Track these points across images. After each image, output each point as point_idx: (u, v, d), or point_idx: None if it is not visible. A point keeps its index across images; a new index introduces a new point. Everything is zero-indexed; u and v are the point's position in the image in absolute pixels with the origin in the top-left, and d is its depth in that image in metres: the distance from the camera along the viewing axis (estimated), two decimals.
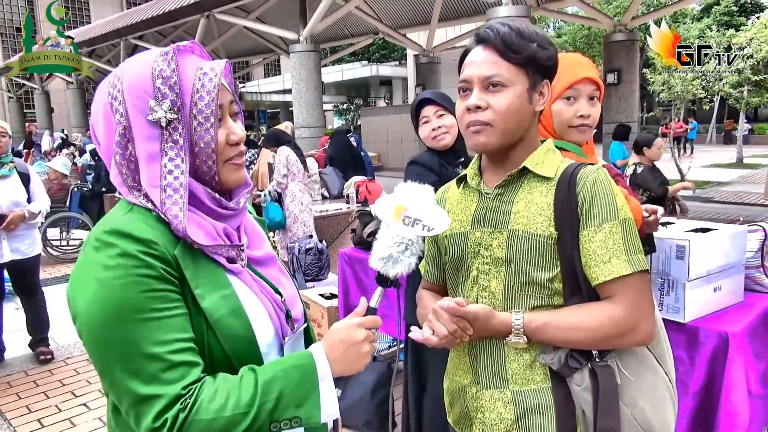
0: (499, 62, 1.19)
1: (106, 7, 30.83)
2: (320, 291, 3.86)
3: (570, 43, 25.38)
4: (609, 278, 1.13)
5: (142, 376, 0.83)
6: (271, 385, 0.88)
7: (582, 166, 1.22)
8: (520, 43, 1.18)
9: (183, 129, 0.91)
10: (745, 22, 24.56)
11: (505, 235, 1.21)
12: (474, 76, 1.20)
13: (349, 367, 0.98)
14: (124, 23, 14.74)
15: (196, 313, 0.90)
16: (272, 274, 1.08)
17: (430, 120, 2.33)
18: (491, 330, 1.17)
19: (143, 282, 0.84)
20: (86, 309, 0.85)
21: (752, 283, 2.13)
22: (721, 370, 1.80)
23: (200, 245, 0.91)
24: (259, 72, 33.87)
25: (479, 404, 1.26)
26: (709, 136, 27.16)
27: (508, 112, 1.19)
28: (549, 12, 11.92)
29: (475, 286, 1.27)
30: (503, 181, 1.25)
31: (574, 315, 1.15)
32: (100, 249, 0.86)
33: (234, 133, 0.97)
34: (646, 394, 1.21)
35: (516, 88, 1.19)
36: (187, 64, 0.93)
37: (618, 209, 1.16)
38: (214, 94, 0.91)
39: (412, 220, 1.09)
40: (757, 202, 10.23)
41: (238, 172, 1.00)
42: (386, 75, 25.18)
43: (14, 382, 3.81)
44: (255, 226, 1.13)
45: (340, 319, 1.06)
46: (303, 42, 9.81)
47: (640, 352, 1.22)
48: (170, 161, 0.90)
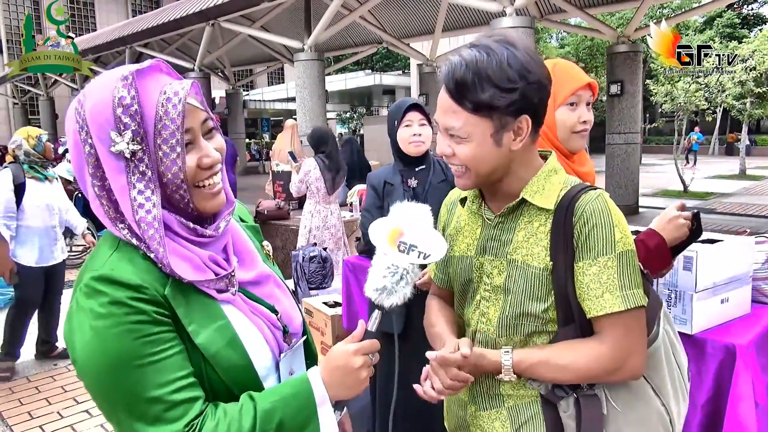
0: (457, 111, 1.10)
1: (112, 15, 31.01)
2: (324, 299, 3.85)
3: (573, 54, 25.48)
4: (600, 314, 1.11)
5: (146, 418, 0.84)
6: (270, 414, 0.90)
7: (583, 192, 1.15)
8: (477, 87, 1.06)
9: (149, 159, 0.86)
10: (747, 34, 24.62)
11: (505, 264, 1.20)
12: (439, 121, 1.15)
13: (347, 392, 0.99)
14: (129, 31, 14.82)
15: (192, 348, 0.90)
16: (267, 292, 1.06)
17: (413, 125, 2.45)
18: (482, 370, 1.18)
19: (136, 329, 0.84)
20: (84, 358, 0.86)
21: (759, 295, 2.12)
22: (728, 382, 1.79)
23: (188, 281, 0.90)
24: (263, 80, 34.01)
25: (477, 423, 1.27)
26: (712, 147, 27.16)
27: (474, 160, 1.13)
28: (552, 23, 11.97)
29: (477, 310, 1.26)
30: (503, 212, 1.21)
31: (563, 356, 1.13)
32: (91, 296, 0.85)
33: (207, 155, 0.92)
34: (633, 425, 1.18)
35: (476, 138, 1.11)
36: (149, 87, 0.86)
37: (615, 242, 1.11)
38: (179, 122, 0.85)
39: (408, 246, 1.07)
40: (761, 214, 10.20)
41: (214, 199, 0.95)
42: (389, 84, 25.24)
43: (16, 388, 3.80)
44: (246, 242, 1.08)
45: (344, 328, 1.05)
46: (307, 51, 9.86)
47: (634, 384, 1.20)
48: (140, 194, 0.86)
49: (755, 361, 1.83)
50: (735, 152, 23.02)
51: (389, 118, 2.57)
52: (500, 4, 6.98)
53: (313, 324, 3.66)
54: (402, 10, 12.73)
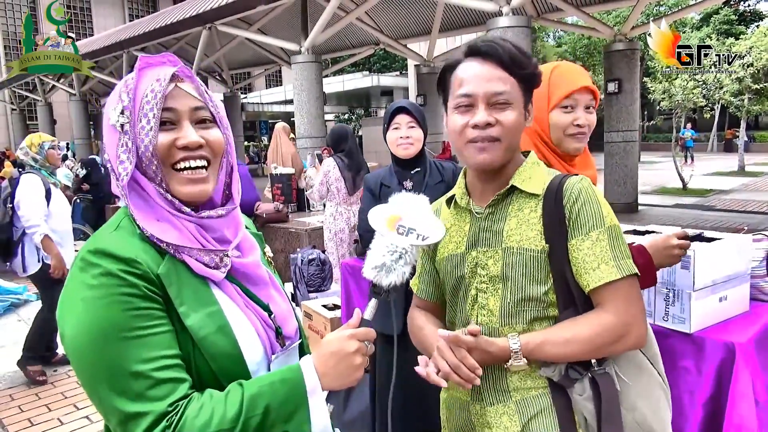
0: (506, 78, 1.19)
1: (109, 20, 31.03)
2: (323, 302, 3.84)
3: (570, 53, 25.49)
4: (599, 284, 1.14)
5: (128, 394, 0.83)
6: (257, 399, 0.88)
7: (567, 177, 1.23)
8: (523, 59, 1.19)
9: (132, 132, 0.93)
10: (744, 30, 24.62)
11: (500, 253, 1.22)
12: (479, 91, 1.18)
13: (341, 380, 0.96)
14: (126, 35, 14.83)
15: (182, 330, 0.90)
16: (263, 292, 1.06)
17: (401, 128, 2.47)
18: (492, 358, 1.16)
19: (126, 301, 0.85)
20: (72, 329, 0.86)
21: (758, 293, 2.11)
22: (728, 380, 1.78)
23: (173, 244, 0.92)
24: (260, 83, 33.99)
25: (485, 420, 1.25)
26: (710, 144, 27.17)
27: (515, 129, 1.20)
28: (549, 22, 11.98)
29: (474, 304, 1.27)
30: (493, 201, 1.25)
31: (567, 330, 1.16)
32: (85, 269, 0.87)
33: (183, 137, 0.95)
34: (644, 397, 1.22)
35: (519, 105, 1.20)
36: (151, 73, 0.95)
37: (603, 216, 1.18)
38: (159, 98, 0.92)
39: (407, 229, 1.08)
40: (761, 210, 10.20)
41: (189, 186, 0.96)
42: (387, 85, 25.23)
43: (16, 395, 3.79)
44: (252, 243, 1.11)
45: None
46: (304, 53, 9.86)
47: (635, 356, 1.24)
48: (120, 164, 0.93)
49: (755, 358, 1.83)
50: (733, 149, 23.01)
51: (382, 121, 2.59)
52: (497, 3, 6.98)
53: (312, 327, 3.66)
54: (399, 11, 12.74)
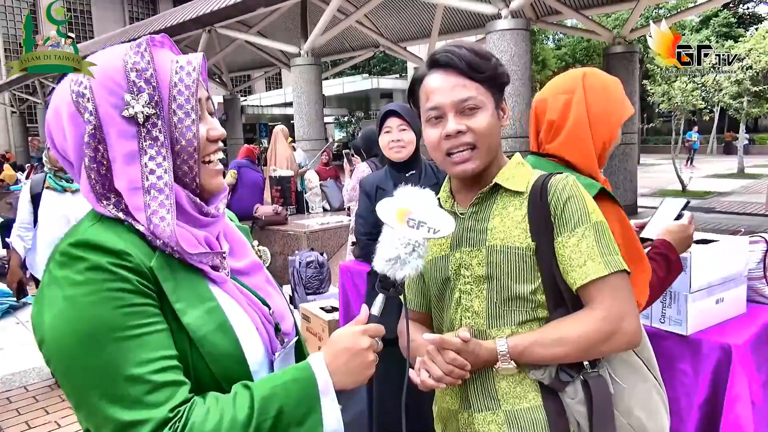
0: (468, 84, 1.18)
1: (109, 23, 31.08)
2: (321, 304, 3.85)
3: (570, 56, 25.53)
4: (586, 281, 1.12)
5: (124, 401, 0.74)
6: (269, 402, 0.81)
7: (552, 175, 1.22)
8: (481, 63, 1.18)
9: (163, 125, 0.85)
10: (743, 33, 24.66)
11: (484, 252, 1.21)
12: (445, 101, 1.18)
13: (352, 378, 0.90)
14: (126, 38, 14.82)
15: (178, 329, 0.81)
16: (258, 285, 1.00)
17: (392, 131, 2.48)
18: (480, 360, 1.15)
19: (117, 297, 0.76)
20: (54, 331, 0.76)
21: (754, 295, 2.11)
22: (724, 382, 1.78)
23: (186, 253, 0.85)
24: (260, 85, 34.02)
25: (474, 429, 1.23)
26: (710, 146, 27.19)
27: (488, 132, 1.19)
28: (548, 25, 11.99)
29: (458, 307, 1.25)
30: (476, 199, 1.24)
31: (556, 330, 1.14)
32: (66, 264, 0.78)
33: (214, 128, 0.93)
34: (640, 401, 1.20)
35: (489, 107, 1.20)
36: (160, 57, 0.88)
37: (589, 213, 1.16)
38: (193, 89, 0.86)
39: (417, 222, 1.05)
40: (759, 212, 10.20)
41: (218, 177, 0.94)
42: (387, 88, 25.28)
43: (14, 398, 3.79)
44: (235, 233, 1.06)
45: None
46: (304, 55, 9.87)
47: (630, 359, 1.22)
48: (151, 160, 0.83)
49: (751, 360, 1.83)
50: (733, 151, 23.02)
51: (376, 127, 2.61)
52: (496, 6, 6.98)
53: (310, 329, 3.66)
54: (398, 13, 12.76)
